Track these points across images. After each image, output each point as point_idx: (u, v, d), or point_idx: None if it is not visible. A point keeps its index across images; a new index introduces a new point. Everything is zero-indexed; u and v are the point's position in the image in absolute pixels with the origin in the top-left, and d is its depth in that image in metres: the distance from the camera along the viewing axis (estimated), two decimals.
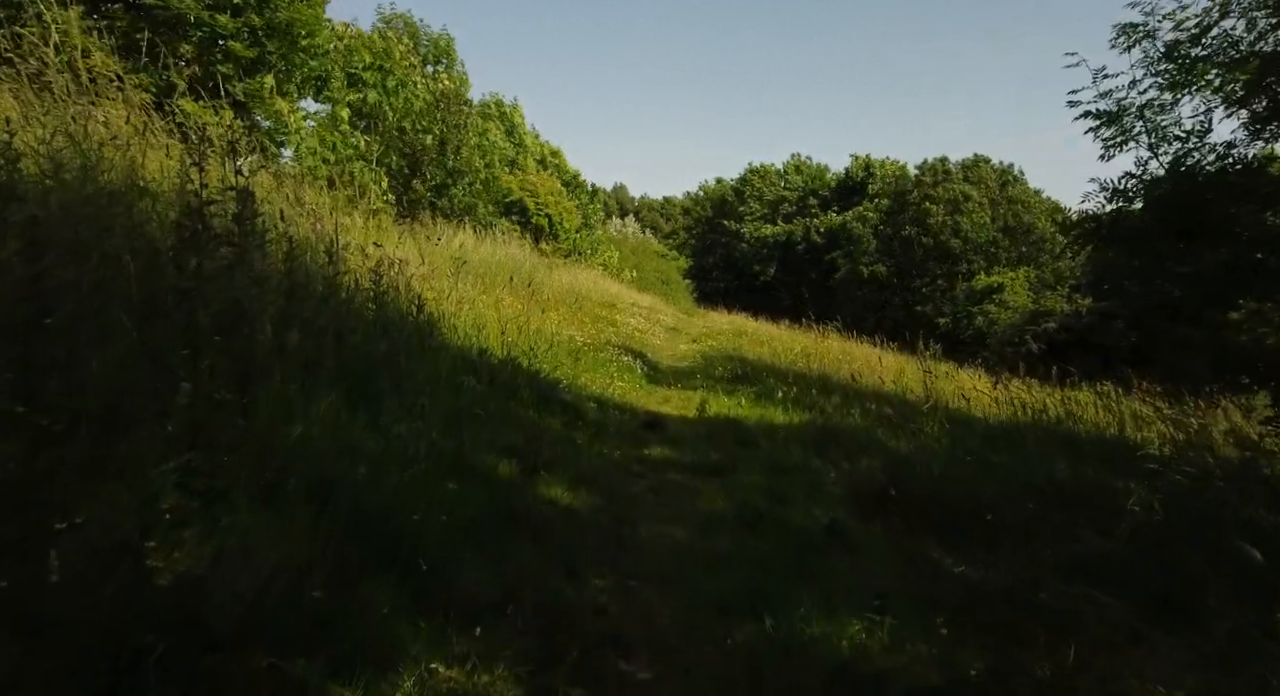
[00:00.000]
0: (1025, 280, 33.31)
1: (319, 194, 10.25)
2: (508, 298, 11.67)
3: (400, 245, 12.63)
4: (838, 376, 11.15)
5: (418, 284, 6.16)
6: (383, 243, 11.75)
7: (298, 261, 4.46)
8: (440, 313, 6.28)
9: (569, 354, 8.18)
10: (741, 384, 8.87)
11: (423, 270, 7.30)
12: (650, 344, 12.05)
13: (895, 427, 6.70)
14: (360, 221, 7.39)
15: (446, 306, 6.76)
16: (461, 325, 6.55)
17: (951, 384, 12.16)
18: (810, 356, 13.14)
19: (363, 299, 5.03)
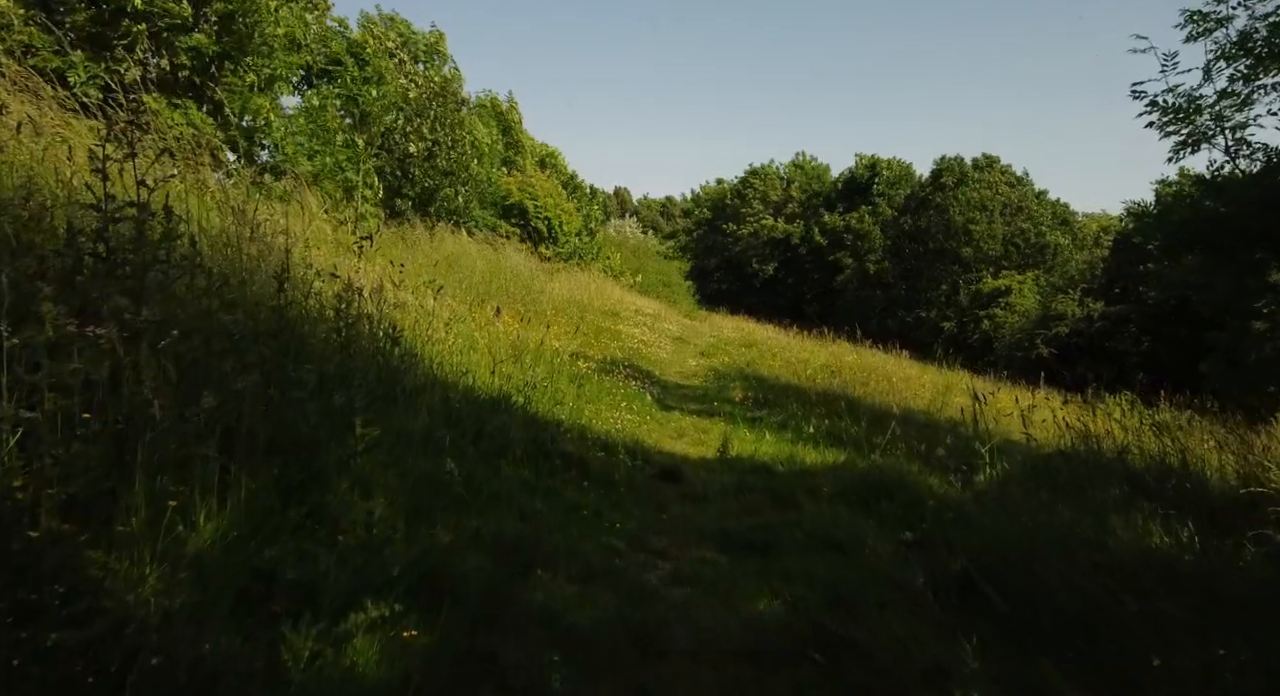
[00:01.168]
0: (1033, 284, 32.38)
1: (284, 202, 9.34)
2: (505, 313, 10.73)
3: (383, 255, 11.71)
4: (863, 395, 10.24)
5: (394, 311, 5.21)
6: (366, 253, 10.79)
7: (229, 294, 3.52)
8: (422, 342, 5.34)
9: (571, 380, 7.25)
10: (762, 410, 7.95)
11: (405, 289, 6.35)
12: (657, 359, 11.12)
13: (948, 470, 5.77)
14: (332, 232, 6.43)
15: (432, 331, 5.81)
16: (447, 356, 5.61)
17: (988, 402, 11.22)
18: (830, 371, 12.23)
19: (324, 334, 4.10)
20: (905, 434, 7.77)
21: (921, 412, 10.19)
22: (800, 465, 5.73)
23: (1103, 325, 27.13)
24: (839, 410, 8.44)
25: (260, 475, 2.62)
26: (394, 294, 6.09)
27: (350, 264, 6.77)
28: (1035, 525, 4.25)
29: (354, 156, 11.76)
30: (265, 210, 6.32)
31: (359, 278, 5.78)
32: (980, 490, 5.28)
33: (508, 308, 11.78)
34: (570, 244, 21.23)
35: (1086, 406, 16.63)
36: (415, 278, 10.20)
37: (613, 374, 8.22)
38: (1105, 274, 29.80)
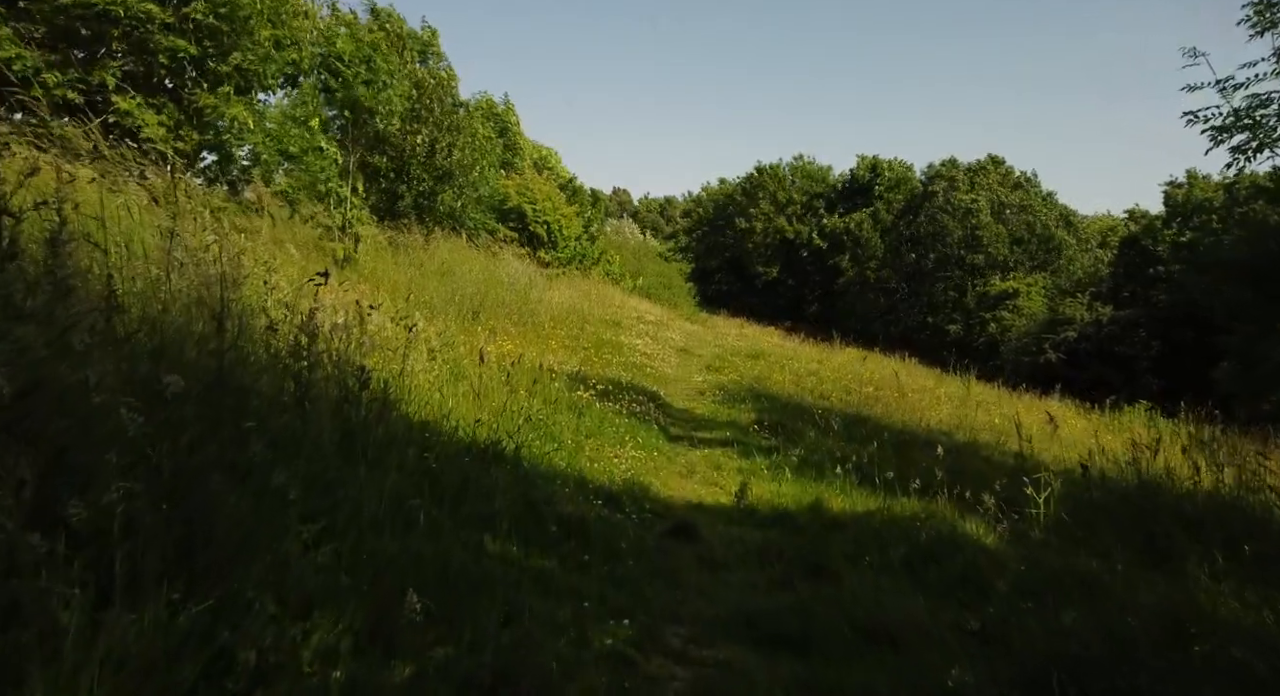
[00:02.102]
0: (1041, 287, 31.66)
1: (250, 213, 8.64)
2: (501, 330, 10.02)
3: (372, 269, 11.00)
4: (881, 414, 9.55)
5: (365, 347, 4.50)
6: (351, 269, 10.07)
7: (145, 343, 2.82)
8: (398, 382, 4.63)
9: (570, 409, 6.55)
10: (777, 437, 7.24)
11: (385, 313, 5.64)
12: (662, 376, 10.41)
13: (998, 518, 5.08)
14: (297, 253, 5.72)
15: (411, 365, 5.10)
16: (428, 395, 4.90)
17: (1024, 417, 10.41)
18: (842, 385, 11.53)
19: (272, 386, 3.39)
20: (938, 464, 7.06)
21: (944, 432, 9.49)
22: (828, 515, 5.03)
23: (1111, 329, 26.41)
24: (860, 436, 7.75)
25: (147, 611, 1.92)
26: (371, 322, 5.38)
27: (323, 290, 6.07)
28: (1125, 604, 3.56)
29: (342, 162, 11.03)
30: (229, 226, 5.62)
31: (328, 307, 5.08)
32: (1040, 548, 4.58)
33: (504, 321, 11.08)
34: (570, 248, 20.52)
35: (1108, 417, 15.92)
36: (402, 296, 9.50)
37: (615, 399, 7.52)
38: (1113, 277, 29.07)
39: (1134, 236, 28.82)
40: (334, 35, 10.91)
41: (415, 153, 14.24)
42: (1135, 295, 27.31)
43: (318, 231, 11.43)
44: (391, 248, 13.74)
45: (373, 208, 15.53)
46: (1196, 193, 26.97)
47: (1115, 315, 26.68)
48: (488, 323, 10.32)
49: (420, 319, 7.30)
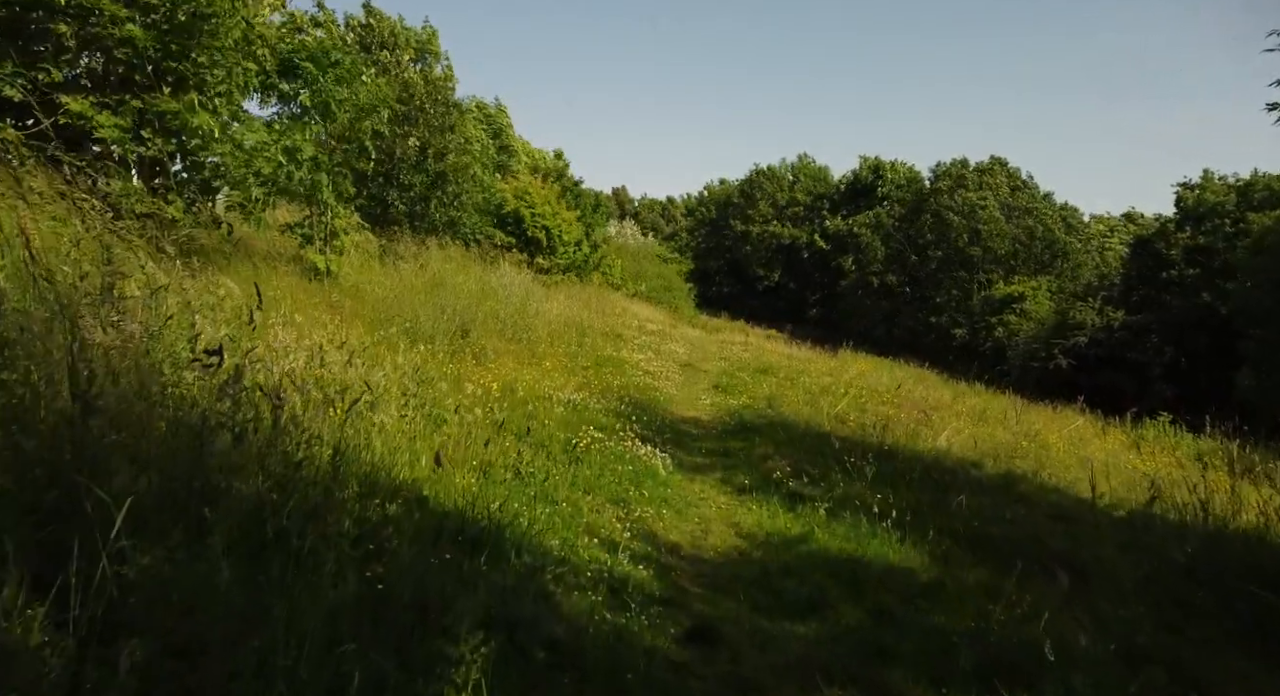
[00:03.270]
0: (1047, 289, 30.78)
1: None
2: (494, 349, 9.13)
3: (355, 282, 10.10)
4: (906, 443, 8.68)
5: (313, 401, 3.63)
6: (335, 277, 9.15)
7: None
8: (354, 445, 3.75)
9: (566, 453, 5.67)
10: (799, 479, 6.36)
11: (351, 350, 4.75)
12: (667, 397, 9.53)
13: (1072, 593, 4.21)
14: (236, 289, 4.84)
15: (377, 419, 4.22)
16: (392, 458, 4.02)
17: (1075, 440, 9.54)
18: (859, 404, 10.64)
19: (181, 475, 2.51)
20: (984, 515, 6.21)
21: (974, 463, 8.62)
22: (873, 598, 4.15)
23: (1123, 335, 25.53)
24: (889, 474, 6.88)
25: None
26: (330, 367, 4.50)
27: (283, 325, 5.19)
28: None
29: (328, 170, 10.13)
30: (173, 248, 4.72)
31: (280, 349, 4.20)
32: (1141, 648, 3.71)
33: (497, 339, 10.20)
34: (569, 254, 19.63)
35: (1130, 431, 15.01)
36: (383, 317, 8.61)
37: (618, 433, 6.64)
38: (1124, 281, 28.18)
39: (1145, 239, 27.93)
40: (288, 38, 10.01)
41: (406, 156, 13.35)
42: (1147, 299, 26.43)
43: (297, 241, 10.56)
44: (381, 257, 12.87)
45: (362, 214, 14.66)
46: (1209, 195, 26.08)
47: (1127, 320, 25.80)
48: (479, 342, 9.45)
49: (395, 352, 6.42)
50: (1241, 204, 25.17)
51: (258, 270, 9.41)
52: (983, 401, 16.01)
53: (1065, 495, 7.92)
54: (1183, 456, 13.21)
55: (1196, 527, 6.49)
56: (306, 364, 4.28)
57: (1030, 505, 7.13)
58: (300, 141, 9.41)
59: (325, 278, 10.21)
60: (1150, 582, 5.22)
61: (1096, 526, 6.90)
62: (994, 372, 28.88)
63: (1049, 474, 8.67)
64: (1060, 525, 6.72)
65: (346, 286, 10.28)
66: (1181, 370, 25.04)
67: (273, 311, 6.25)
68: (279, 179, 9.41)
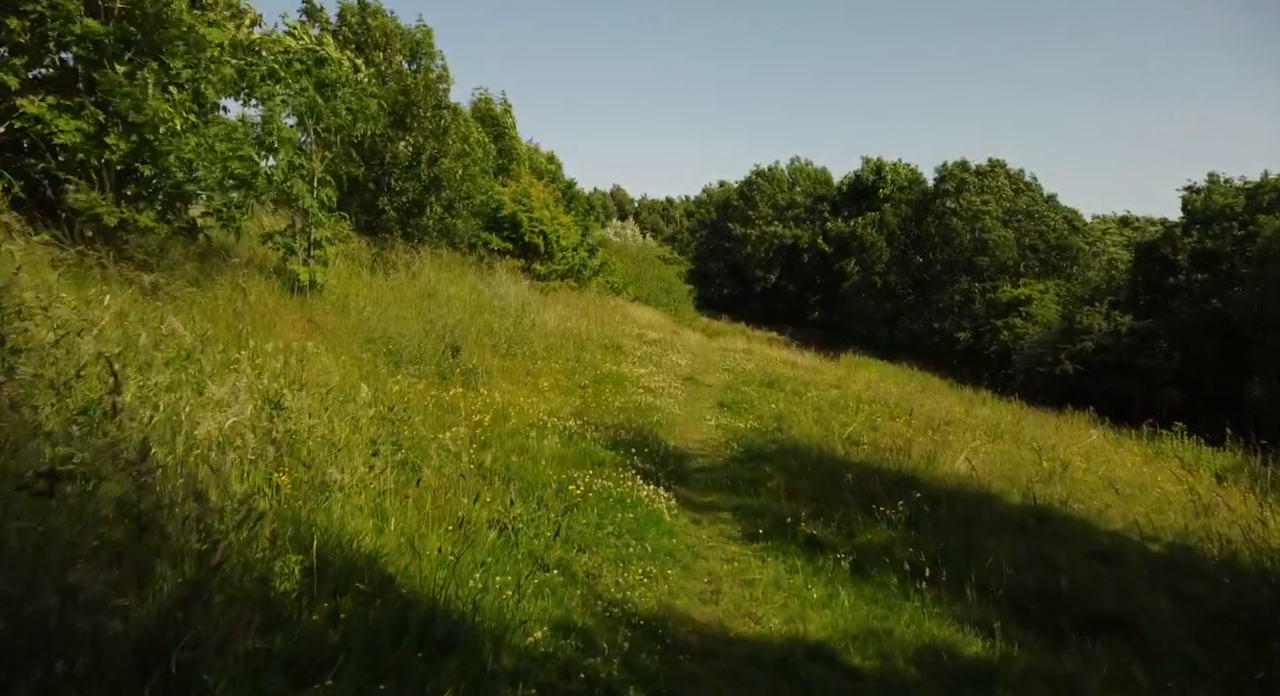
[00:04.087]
0: (1054, 293, 30.15)
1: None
2: (485, 369, 8.50)
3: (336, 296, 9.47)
4: (924, 468, 8.08)
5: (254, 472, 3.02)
6: (319, 291, 8.53)
7: None
8: (313, 512, 3.15)
9: (560, 497, 5.07)
10: (817, 521, 5.75)
11: (307, 400, 4.13)
12: (670, 419, 8.92)
13: None
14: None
15: (340, 477, 3.61)
16: (355, 525, 3.41)
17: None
18: (870, 423, 10.03)
19: None
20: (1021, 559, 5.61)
21: (999, 493, 8.02)
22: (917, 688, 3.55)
23: (1131, 340, 24.90)
24: (911, 511, 6.28)
25: None
26: (288, 415, 3.88)
27: (244, 359, 4.57)
28: None
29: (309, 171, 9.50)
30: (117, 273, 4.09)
31: (224, 398, 3.59)
32: None
33: (490, 356, 9.58)
34: (567, 259, 19.00)
35: (1146, 443, 14.39)
36: (366, 339, 8.00)
37: (618, 468, 6.04)
38: (1130, 286, 27.54)
39: (1152, 243, 27.30)
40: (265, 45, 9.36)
41: (397, 161, 12.73)
42: (1155, 304, 25.80)
43: (279, 252, 9.93)
44: (371, 265, 12.24)
45: (353, 221, 14.04)
46: (1217, 198, 25.44)
47: (1135, 325, 25.17)
48: (470, 360, 8.84)
49: (373, 381, 5.81)
50: (1250, 207, 24.54)
51: (235, 284, 8.80)
52: (993, 412, 15.40)
53: (1098, 529, 7.31)
54: (1204, 472, 12.62)
55: (1240, 565, 5.95)
56: (257, 414, 3.66)
57: (1065, 542, 6.52)
58: (277, 141, 8.77)
59: (308, 291, 9.58)
60: (1211, 648, 4.64)
61: (1139, 568, 6.32)
62: (999, 377, 28.28)
63: (1077, 502, 8.05)
64: (1101, 566, 6.13)
65: (331, 300, 9.66)
66: (1190, 376, 24.41)
67: (232, 341, 5.64)
68: (255, 182, 8.78)
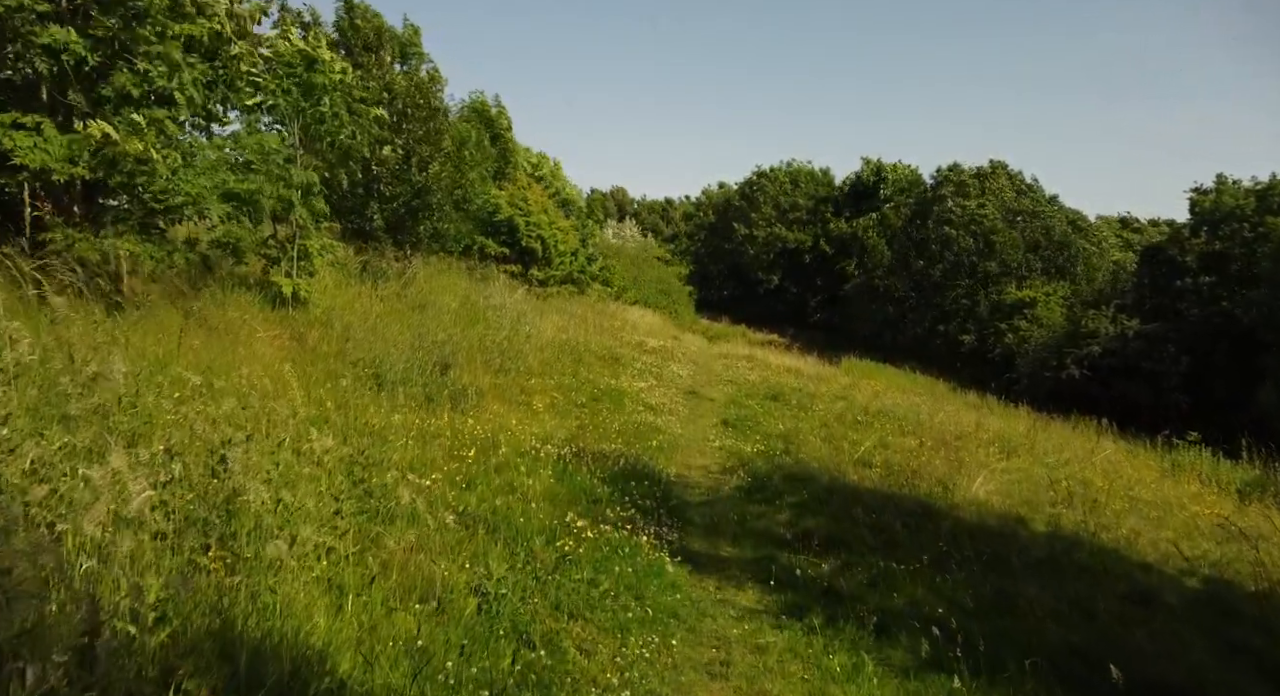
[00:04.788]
0: (1060, 296, 29.55)
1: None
2: (476, 389, 7.92)
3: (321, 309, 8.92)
4: (942, 498, 7.54)
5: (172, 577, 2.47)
6: (304, 304, 8.05)
7: None
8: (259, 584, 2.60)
9: (550, 546, 4.53)
10: (840, 574, 5.20)
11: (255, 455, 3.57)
12: (672, 441, 8.38)
13: None
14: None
15: (287, 552, 3.06)
16: (290, 610, 2.86)
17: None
18: (882, 441, 9.49)
19: None
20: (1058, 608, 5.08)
21: (1020, 518, 7.49)
22: None
23: (1138, 344, 24.32)
24: (932, 551, 5.74)
25: None
26: (234, 471, 3.33)
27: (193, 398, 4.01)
28: None
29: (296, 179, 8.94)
30: None
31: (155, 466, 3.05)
32: None
33: (482, 373, 9.03)
34: (565, 265, 18.45)
35: (1161, 455, 13.85)
36: (349, 360, 7.45)
37: (615, 507, 5.50)
38: (1137, 288, 26.96)
39: (1159, 245, 26.72)
40: None
41: (386, 166, 12.17)
42: (1161, 307, 25.22)
43: (261, 264, 9.38)
44: (361, 275, 11.68)
45: (342, 228, 13.48)
46: (1226, 200, 24.86)
47: (1142, 329, 24.58)
48: (460, 378, 8.30)
49: (350, 409, 5.27)
50: (1260, 208, 23.95)
51: (215, 299, 8.26)
52: (1004, 423, 14.84)
53: (1130, 561, 6.78)
54: (1226, 489, 12.10)
55: None
56: (186, 472, 3.12)
57: (1099, 582, 5.99)
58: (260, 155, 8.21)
59: (293, 304, 9.04)
60: None
61: (1179, 610, 5.79)
62: (1003, 381, 27.70)
63: (1104, 530, 7.51)
64: (1141, 611, 5.60)
65: (316, 313, 9.12)
66: (1198, 381, 23.84)
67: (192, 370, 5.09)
68: (258, 201, 8.23)
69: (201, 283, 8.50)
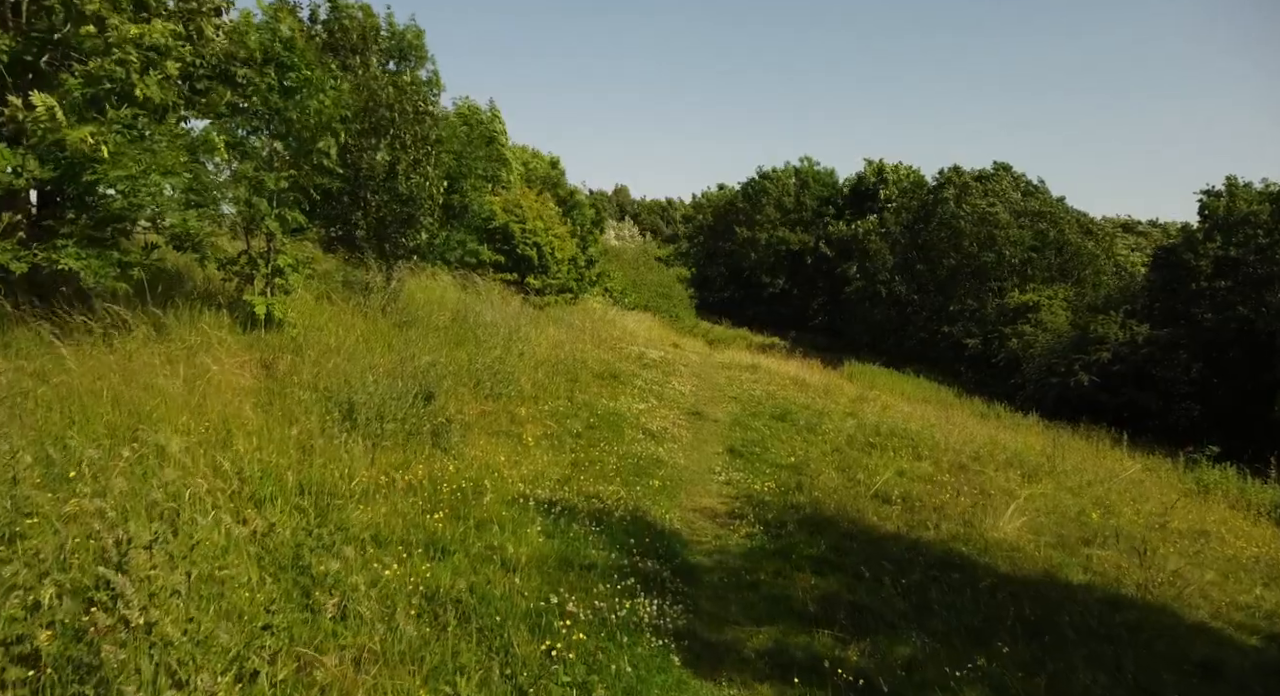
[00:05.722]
0: (1062, 298, 28.82)
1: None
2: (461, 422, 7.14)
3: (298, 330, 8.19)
4: (962, 530, 6.84)
5: None
6: (279, 325, 7.43)
7: None
8: None
9: (532, 638, 3.81)
10: (861, 646, 4.50)
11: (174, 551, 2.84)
12: (673, 474, 7.65)
13: None
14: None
15: None
16: None
17: None
18: (901, 470, 8.77)
19: None
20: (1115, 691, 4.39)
21: (1052, 569, 6.78)
22: None
23: (1149, 351, 23.59)
24: (974, 624, 5.04)
25: None
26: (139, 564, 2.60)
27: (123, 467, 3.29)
28: None
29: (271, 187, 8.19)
30: None
31: None
32: None
33: (471, 401, 8.31)
34: (562, 273, 17.71)
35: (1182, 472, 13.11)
36: (323, 391, 6.70)
37: (612, 571, 4.78)
38: (1148, 293, 26.22)
39: (1171, 249, 25.96)
40: (245, 31, 8.04)
41: (373, 173, 11.43)
42: (1172, 313, 24.47)
43: (232, 283, 8.65)
44: (344, 287, 10.94)
45: (325, 237, 12.75)
46: (1240, 204, 24.10)
47: (1153, 335, 23.84)
48: (446, 408, 7.57)
49: (312, 460, 4.55)
50: (1276, 212, 23.20)
51: (180, 320, 7.53)
52: (1017, 438, 14.15)
53: (1183, 620, 6.07)
54: (1257, 510, 11.39)
55: None
56: (54, 604, 2.39)
57: (1155, 652, 5.27)
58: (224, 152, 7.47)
59: (266, 326, 8.31)
60: None
61: (1253, 682, 5.09)
62: (1009, 386, 26.98)
63: (1150, 583, 6.78)
64: (1209, 688, 4.89)
65: (292, 334, 8.39)
66: (1211, 388, 23.11)
67: (122, 429, 4.36)
68: (206, 197, 7.49)
69: (165, 302, 7.78)
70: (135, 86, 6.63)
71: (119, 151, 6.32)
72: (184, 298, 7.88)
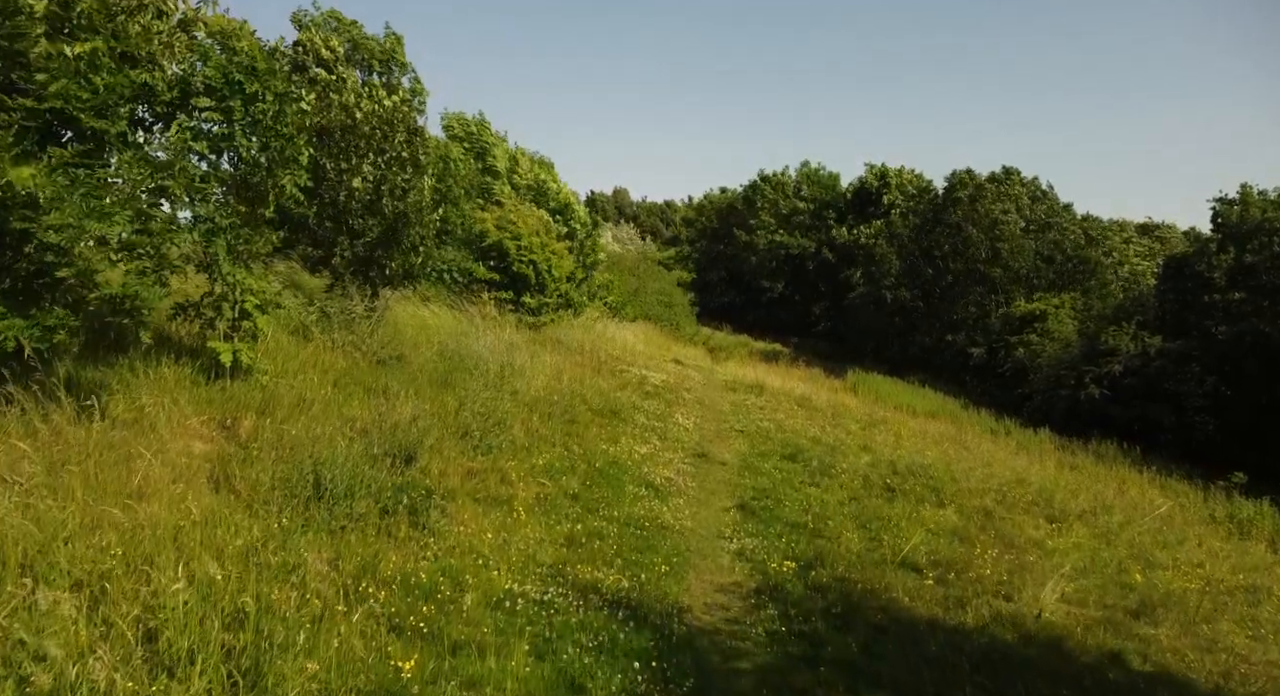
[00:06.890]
0: (1070, 307, 28.00)
1: None
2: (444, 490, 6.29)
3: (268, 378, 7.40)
4: (1007, 607, 6.06)
5: None
6: (247, 373, 6.61)
7: None
8: None
9: None
10: None
11: None
12: (679, 544, 6.85)
13: None
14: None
15: None
16: None
17: None
18: (921, 518, 7.97)
19: None
20: None
21: (1111, 656, 5.99)
22: None
23: (1162, 363, 22.78)
24: None
25: None
26: None
27: None
28: None
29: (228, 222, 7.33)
30: None
31: None
32: None
33: (458, 457, 7.48)
34: (561, 291, 16.87)
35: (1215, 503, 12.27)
36: (291, 455, 5.85)
37: None
38: (1159, 304, 25.41)
39: (1183, 257, 25.15)
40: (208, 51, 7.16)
41: (356, 197, 10.59)
42: (1185, 324, 23.66)
43: (196, 326, 7.81)
44: (321, 321, 10.04)
45: (304, 265, 11.88)
46: (1254, 211, 23.30)
47: (1165, 347, 23.03)
48: (429, 469, 6.76)
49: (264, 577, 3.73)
50: None
51: (134, 376, 6.69)
52: (1036, 469, 13.37)
53: None
54: None
55: None
56: None
57: None
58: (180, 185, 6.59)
59: (233, 375, 7.46)
60: None
61: None
62: (1015, 397, 26.18)
63: (1205, 665, 5.99)
64: None
65: (261, 383, 7.55)
66: (1224, 402, 22.30)
67: None
68: (163, 248, 6.63)
69: (119, 353, 6.94)
70: (81, 117, 5.77)
71: (57, 195, 5.46)
72: (136, 349, 7.02)
